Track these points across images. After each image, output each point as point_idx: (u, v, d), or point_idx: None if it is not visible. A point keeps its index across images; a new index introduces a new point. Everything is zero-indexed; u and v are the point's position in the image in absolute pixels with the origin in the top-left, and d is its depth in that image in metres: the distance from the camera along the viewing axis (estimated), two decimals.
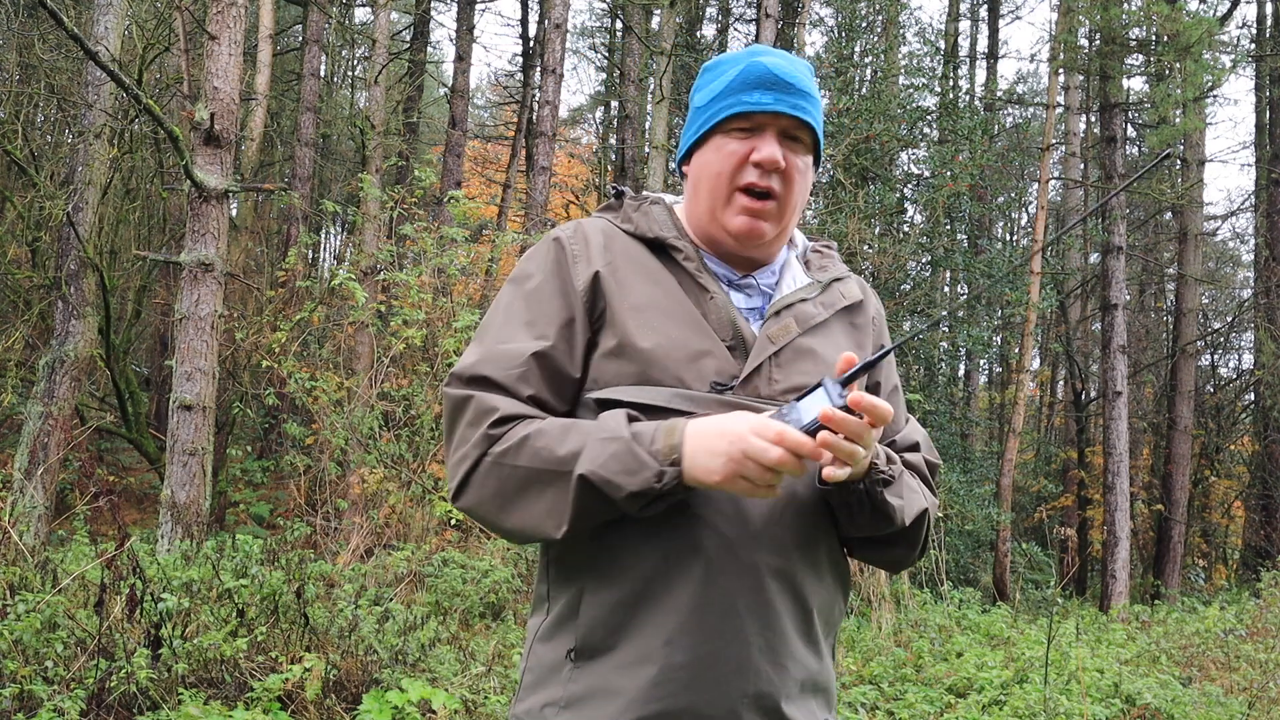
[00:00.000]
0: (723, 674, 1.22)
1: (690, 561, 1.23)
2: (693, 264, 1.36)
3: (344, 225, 20.10)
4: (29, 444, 8.02)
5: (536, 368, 1.30)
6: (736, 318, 1.34)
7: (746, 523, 1.24)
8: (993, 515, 12.15)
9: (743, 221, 1.35)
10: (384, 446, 6.79)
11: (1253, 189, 17.95)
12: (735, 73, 1.36)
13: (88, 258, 8.38)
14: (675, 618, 1.22)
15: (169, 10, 9.39)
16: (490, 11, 71.03)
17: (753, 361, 1.30)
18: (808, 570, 1.28)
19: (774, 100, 1.34)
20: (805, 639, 1.29)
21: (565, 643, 1.28)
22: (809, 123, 1.37)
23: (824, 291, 1.43)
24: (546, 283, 1.35)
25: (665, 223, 1.40)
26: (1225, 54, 14.72)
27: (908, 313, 12.65)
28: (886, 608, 7.26)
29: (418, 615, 4.63)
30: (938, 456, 1.48)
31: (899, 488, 1.29)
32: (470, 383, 1.30)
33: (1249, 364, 19.84)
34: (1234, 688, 5.64)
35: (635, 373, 1.28)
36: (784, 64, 1.36)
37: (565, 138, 22.82)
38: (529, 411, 1.28)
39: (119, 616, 3.86)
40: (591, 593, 1.26)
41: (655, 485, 1.16)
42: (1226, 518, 18.77)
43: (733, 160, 1.35)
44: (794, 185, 1.36)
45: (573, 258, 1.36)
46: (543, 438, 1.23)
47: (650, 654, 1.22)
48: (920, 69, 14.02)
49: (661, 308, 1.32)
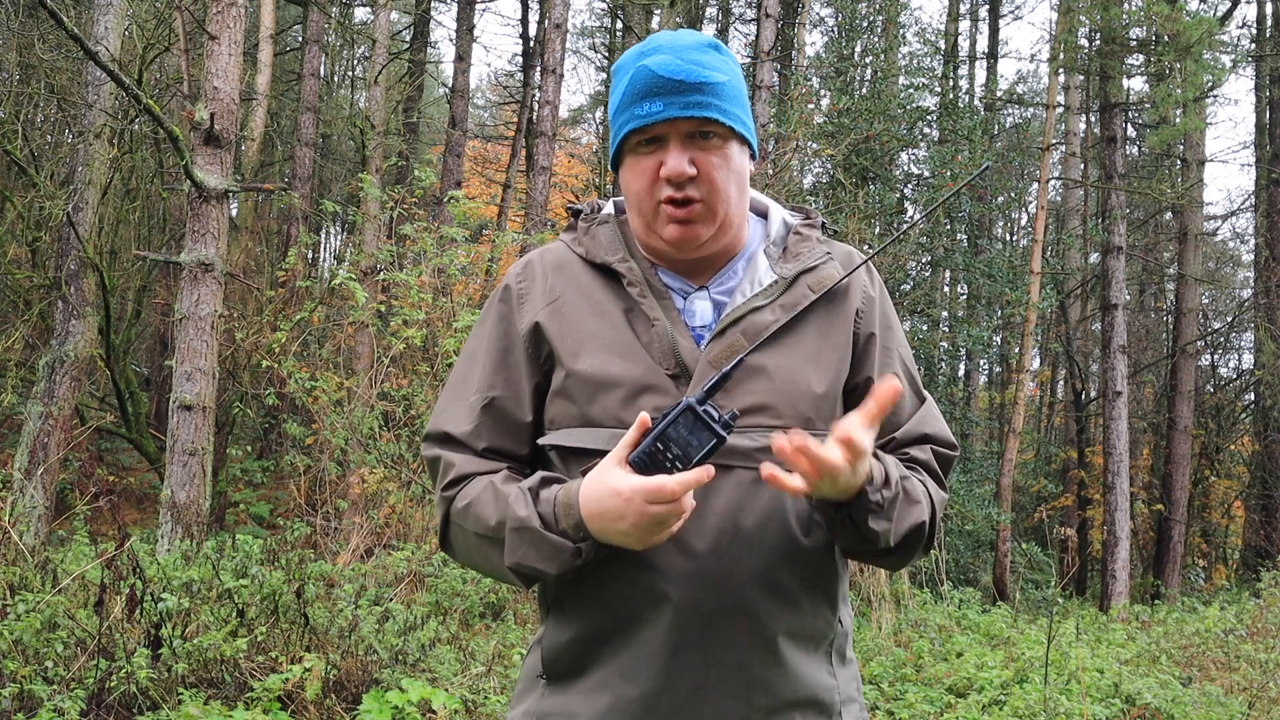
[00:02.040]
0: (671, 706, 1.25)
1: (637, 604, 1.25)
2: (636, 289, 1.33)
3: (344, 225, 20.10)
4: (29, 444, 8.02)
5: (488, 419, 1.34)
6: (679, 344, 1.29)
7: (691, 561, 1.23)
8: (993, 515, 12.16)
9: (674, 230, 1.30)
10: (384, 446, 6.79)
11: (1253, 189, 17.93)
12: (626, 82, 1.30)
13: (88, 258, 8.38)
14: (627, 655, 1.26)
15: (169, 10, 9.38)
16: (490, 11, 70.98)
17: (693, 392, 1.24)
18: (768, 599, 1.25)
19: (664, 107, 1.26)
20: (770, 665, 1.26)
21: (536, 663, 1.35)
22: (711, 116, 1.27)
23: (786, 290, 1.33)
24: (493, 330, 1.38)
25: (612, 244, 1.38)
26: (1225, 54, 14.71)
27: (908, 313, 12.65)
28: (886, 608, 7.26)
29: (418, 615, 4.63)
30: (954, 444, 1.41)
31: (890, 511, 1.24)
32: (436, 441, 1.38)
33: (1249, 364, 19.84)
34: (1234, 688, 5.63)
35: (577, 414, 1.29)
36: (670, 60, 1.27)
37: (565, 138, 22.82)
38: (481, 468, 1.33)
39: (119, 616, 3.86)
40: (553, 629, 1.33)
41: (577, 561, 1.21)
42: (1226, 518, 18.77)
43: (645, 178, 1.30)
44: (714, 183, 1.29)
45: (519, 301, 1.37)
46: (478, 506, 1.29)
47: (606, 683, 1.27)
48: (920, 69, 14.03)
49: (604, 342, 1.30)
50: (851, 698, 1.37)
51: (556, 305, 1.34)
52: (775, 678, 1.26)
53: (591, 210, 1.45)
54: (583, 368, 1.29)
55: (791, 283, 1.34)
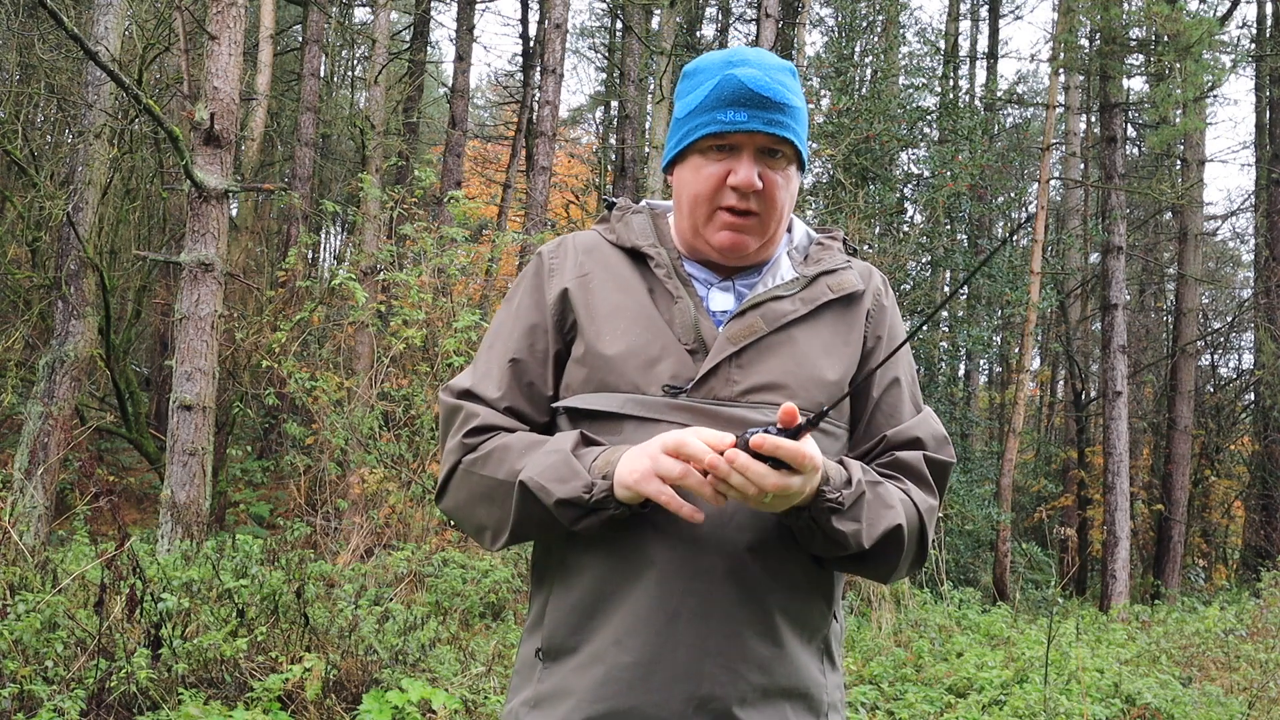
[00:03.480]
0: (668, 676, 1.24)
1: (640, 567, 1.26)
2: (663, 270, 1.38)
3: (344, 225, 20.11)
4: (29, 444, 8.02)
5: (511, 378, 1.38)
6: (700, 321, 1.34)
7: (695, 527, 1.24)
8: (993, 515, 12.16)
9: (725, 236, 1.36)
10: (384, 446, 6.79)
11: (1253, 189, 17.94)
12: (710, 86, 1.34)
13: (88, 258, 8.38)
14: (624, 621, 1.26)
15: (169, 10, 9.39)
16: (490, 11, 71.05)
17: (709, 363, 1.30)
18: (767, 573, 1.27)
19: (748, 118, 1.31)
20: (768, 643, 1.27)
21: (535, 643, 1.35)
22: (788, 137, 1.33)
23: (807, 286, 1.38)
24: (524, 298, 1.43)
25: (644, 231, 1.44)
26: (1225, 54, 14.71)
27: (908, 313, 12.65)
28: (886, 608, 7.26)
29: (418, 615, 4.63)
30: (950, 453, 1.40)
31: (857, 511, 1.23)
32: (460, 394, 1.40)
33: (1249, 364, 19.85)
34: (1234, 688, 5.63)
35: (595, 379, 1.33)
36: (759, 75, 1.32)
37: (565, 138, 22.83)
38: (506, 423, 1.35)
39: (119, 616, 3.86)
40: (556, 596, 1.33)
41: (584, 496, 1.21)
42: (1226, 518, 18.77)
43: (710, 183, 1.34)
44: (775, 201, 1.35)
45: (549, 272, 1.43)
46: (508, 452, 1.30)
47: (601, 654, 1.27)
48: (920, 69, 14.03)
49: (628, 314, 1.35)
50: (836, 705, 1.37)
51: (584, 279, 1.40)
52: (771, 658, 1.27)
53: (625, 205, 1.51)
54: (604, 333, 1.34)
55: (812, 280, 1.40)
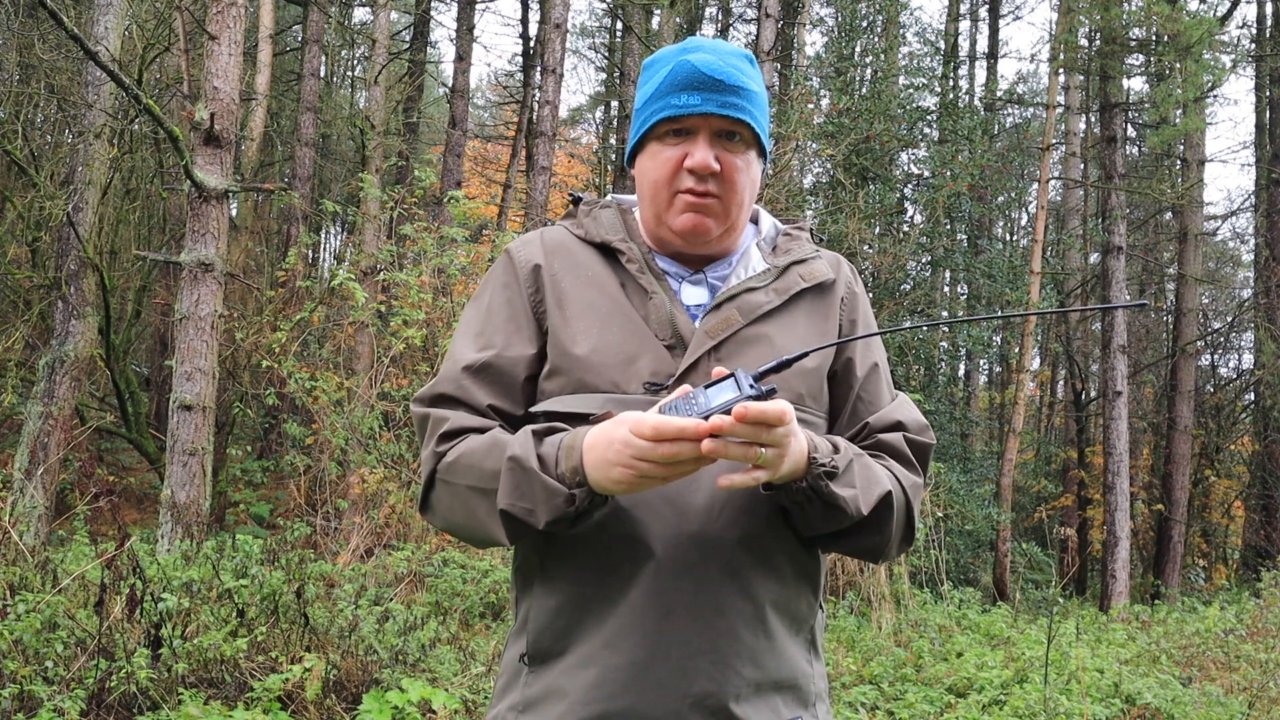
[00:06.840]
0: (662, 675, 1.23)
1: (628, 565, 1.24)
2: (635, 265, 1.36)
3: (344, 225, 20.10)
4: (29, 444, 8.02)
5: (486, 376, 1.34)
6: (676, 316, 1.32)
7: (685, 523, 1.24)
8: (993, 515, 12.15)
9: (687, 219, 1.33)
10: (384, 446, 6.79)
11: (1253, 189, 17.95)
12: (665, 73, 1.34)
13: (88, 258, 8.38)
14: (615, 621, 1.24)
15: (169, 10, 9.38)
16: (490, 11, 71.05)
17: (688, 358, 1.29)
18: (757, 566, 1.26)
19: (701, 101, 1.30)
20: (760, 637, 1.26)
21: (520, 647, 1.33)
22: (744, 119, 1.32)
23: (779, 277, 1.38)
24: (495, 296, 1.40)
25: (612, 225, 1.42)
26: (1225, 54, 14.72)
27: (908, 312, 12.65)
28: (886, 608, 7.26)
29: (418, 615, 4.63)
30: (931, 436, 1.41)
31: (850, 476, 1.23)
32: (429, 402, 1.36)
33: (1249, 364, 19.84)
34: (1234, 688, 5.63)
35: (573, 380, 1.30)
36: (713, 60, 1.32)
37: (565, 138, 22.82)
38: (477, 423, 1.31)
39: (119, 616, 3.86)
40: (539, 599, 1.30)
41: (569, 509, 1.17)
42: (1226, 518, 18.77)
43: (668, 167, 1.33)
44: (734, 184, 1.34)
45: (519, 264, 1.40)
46: (471, 456, 1.26)
47: (593, 656, 1.25)
48: (920, 69, 14.02)
49: (600, 312, 1.33)
50: (822, 694, 1.38)
51: (555, 276, 1.38)
52: (763, 651, 1.27)
53: (592, 200, 1.49)
54: (579, 332, 1.32)
55: (784, 271, 1.40)
